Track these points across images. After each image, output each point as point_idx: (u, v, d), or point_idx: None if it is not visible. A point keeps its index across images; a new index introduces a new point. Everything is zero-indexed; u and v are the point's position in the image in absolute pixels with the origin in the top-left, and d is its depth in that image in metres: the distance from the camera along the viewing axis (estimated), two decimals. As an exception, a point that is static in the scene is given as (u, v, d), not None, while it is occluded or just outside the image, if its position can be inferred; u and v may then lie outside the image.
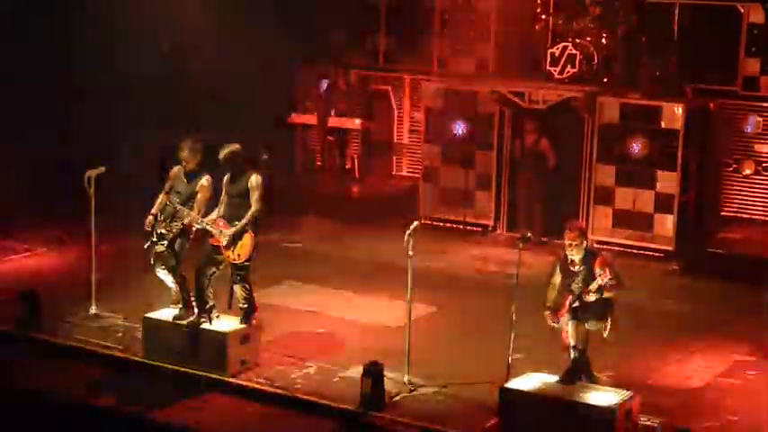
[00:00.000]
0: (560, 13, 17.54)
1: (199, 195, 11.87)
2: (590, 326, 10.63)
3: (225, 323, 11.80)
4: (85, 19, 17.53)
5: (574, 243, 10.57)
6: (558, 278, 10.80)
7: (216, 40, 19.08)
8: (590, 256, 10.61)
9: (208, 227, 11.69)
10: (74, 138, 17.43)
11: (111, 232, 14.08)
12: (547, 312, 10.79)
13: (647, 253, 16.04)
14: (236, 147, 11.72)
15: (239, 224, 11.55)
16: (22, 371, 11.89)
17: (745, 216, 16.88)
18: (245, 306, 11.77)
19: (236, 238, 11.55)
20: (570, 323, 10.55)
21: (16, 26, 17.69)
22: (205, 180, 11.90)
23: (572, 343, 10.58)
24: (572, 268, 10.64)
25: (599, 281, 10.39)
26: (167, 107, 18.07)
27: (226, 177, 11.75)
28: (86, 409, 10.98)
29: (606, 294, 10.49)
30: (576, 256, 10.59)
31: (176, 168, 12.09)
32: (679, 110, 15.86)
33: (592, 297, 10.47)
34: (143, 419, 10.79)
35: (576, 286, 10.58)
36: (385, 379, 10.88)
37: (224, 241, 11.57)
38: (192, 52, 18.91)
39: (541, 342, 11.44)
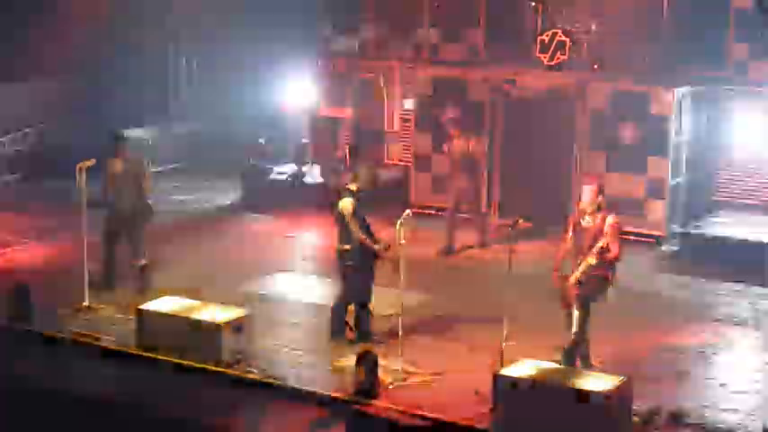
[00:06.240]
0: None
1: None
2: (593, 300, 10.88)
3: (219, 313, 11.80)
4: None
5: (590, 189, 10.72)
6: (569, 236, 10.98)
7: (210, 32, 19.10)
8: (601, 215, 10.75)
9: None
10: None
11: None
12: (556, 273, 10.95)
13: (638, 238, 16.06)
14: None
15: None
16: (16, 363, 11.88)
17: (736, 200, 16.91)
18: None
19: None
20: (575, 312, 10.66)
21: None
22: None
23: (574, 329, 10.67)
24: (582, 223, 10.76)
25: (600, 243, 10.50)
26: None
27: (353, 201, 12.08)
28: (80, 401, 10.97)
29: (604, 256, 10.64)
30: (588, 206, 10.68)
31: None
32: (669, 95, 15.88)
33: (591, 260, 10.56)
34: (137, 410, 10.79)
35: (584, 243, 10.74)
36: (379, 367, 10.91)
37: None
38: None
39: (535, 328, 11.45)
